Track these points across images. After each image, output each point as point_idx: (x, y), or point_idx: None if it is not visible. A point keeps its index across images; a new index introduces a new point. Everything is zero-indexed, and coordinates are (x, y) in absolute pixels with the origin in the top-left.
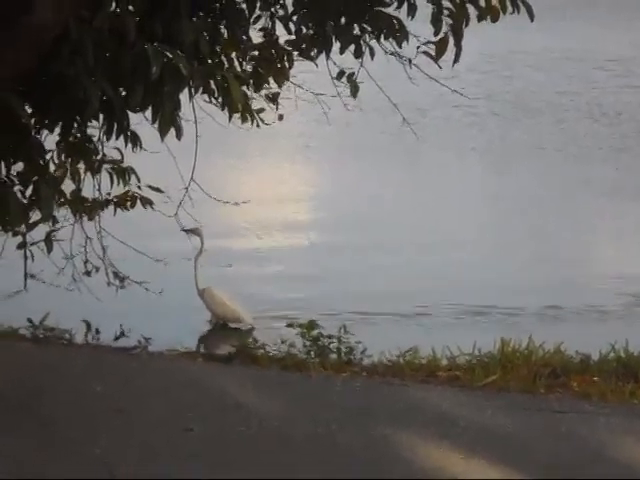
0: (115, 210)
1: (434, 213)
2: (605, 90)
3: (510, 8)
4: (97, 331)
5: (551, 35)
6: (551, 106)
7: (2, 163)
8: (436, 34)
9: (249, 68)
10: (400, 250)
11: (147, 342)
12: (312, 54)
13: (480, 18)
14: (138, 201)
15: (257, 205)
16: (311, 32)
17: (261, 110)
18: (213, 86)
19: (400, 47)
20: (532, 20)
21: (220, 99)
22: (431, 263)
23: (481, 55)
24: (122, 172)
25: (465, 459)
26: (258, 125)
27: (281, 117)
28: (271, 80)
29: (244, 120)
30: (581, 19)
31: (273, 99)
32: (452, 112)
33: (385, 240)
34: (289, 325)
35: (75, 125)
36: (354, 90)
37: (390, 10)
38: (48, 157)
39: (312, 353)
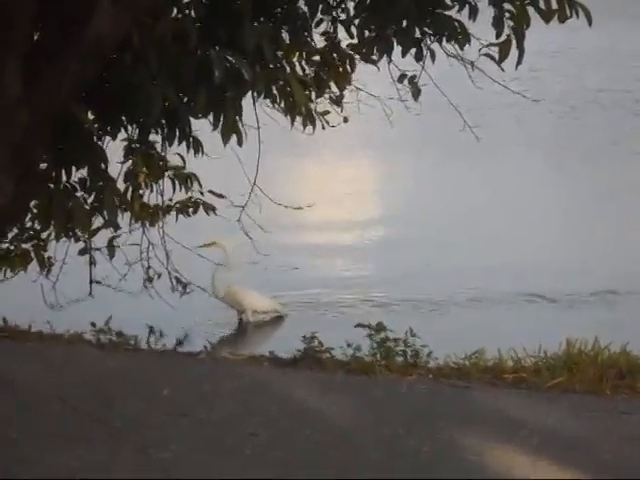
0: (177, 216)
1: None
2: None
3: (569, 12)
4: (161, 335)
5: (608, 34)
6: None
7: (64, 169)
8: (498, 36)
9: (311, 72)
10: (473, 245)
11: (212, 346)
12: (374, 57)
13: (546, 20)
14: (200, 207)
15: (322, 208)
16: (373, 35)
17: (326, 112)
18: (275, 91)
19: (462, 50)
20: (590, 24)
21: (283, 104)
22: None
23: (541, 55)
24: (184, 178)
25: (532, 461)
26: (323, 127)
27: (346, 119)
28: (333, 84)
29: (306, 124)
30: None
31: (337, 101)
32: (516, 112)
33: (450, 235)
34: (358, 325)
35: (137, 131)
36: (416, 93)
37: (451, 13)
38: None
39: (378, 356)
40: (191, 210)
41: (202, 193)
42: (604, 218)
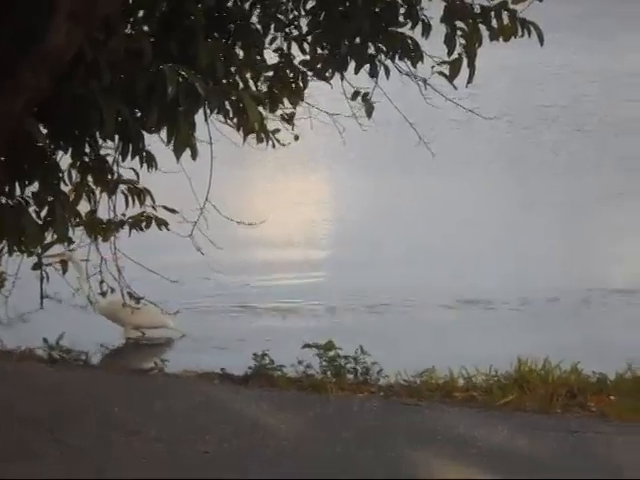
0: (130, 231)
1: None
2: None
3: (520, 31)
4: (112, 352)
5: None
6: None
7: (17, 184)
8: (450, 54)
9: (264, 88)
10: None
11: (163, 363)
12: (327, 74)
13: (492, 38)
14: (153, 222)
15: (274, 225)
16: (326, 52)
17: (277, 130)
18: (228, 106)
19: (415, 67)
20: (542, 44)
21: (235, 119)
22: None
23: (494, 71)
24: (137, 193)
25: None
26: (274, 145)
27: (297, 137)
28: (286, 101)
29: (259, 140)
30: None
31: (289, 119)
32: (468, 128)
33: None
34: (306, 346)
35: (90, 146)
36: (369, 110)
37: (405, 30)
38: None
39: (329, 374)
40: (144, 225)
41: (155, 208)
42: (543, 228)
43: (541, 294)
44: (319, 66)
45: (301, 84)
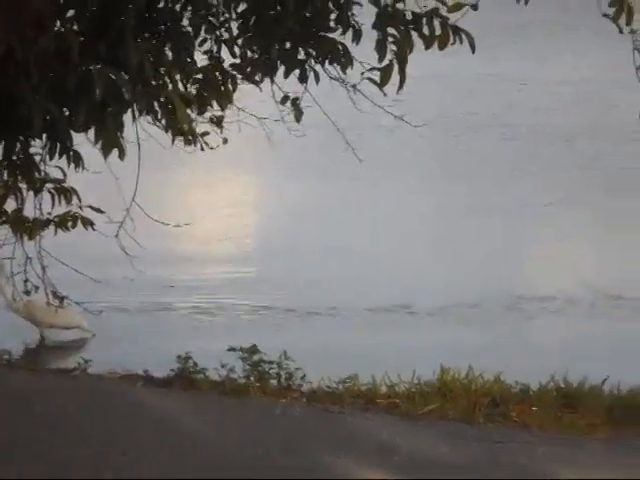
0: (56, 230)
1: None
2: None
3: (452, 39)
4: (35, 351)
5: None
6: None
7: None
8: (380, 61)
9: (193, 90)
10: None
11: (86, 364)
12: (257, 78)
13: (427, 46)
14: (79, 222)
15: (199, 227)
16: (256, 56)
17: (205, 133)
18: (157, 108)
19: (345, 73)
20: (473, 52)
21: (163, 121)
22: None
23: (423, 78)
24: (64, 192)
25: None
26: (202, 148)
27: (225, 141)
28: (215, 103)
29: (188, 142)
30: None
31: (217, 122)
32: (396, 134)
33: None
34: (230, 349)
35: (18, 144)
36: (298, 115)
37: (335, 35)
38: None
39: (252, 378)
40: (70, 224)
41: (81, 208)
42: (468, 234)
43: (464, 300)
44: (249, 69)
45: (230, 87)
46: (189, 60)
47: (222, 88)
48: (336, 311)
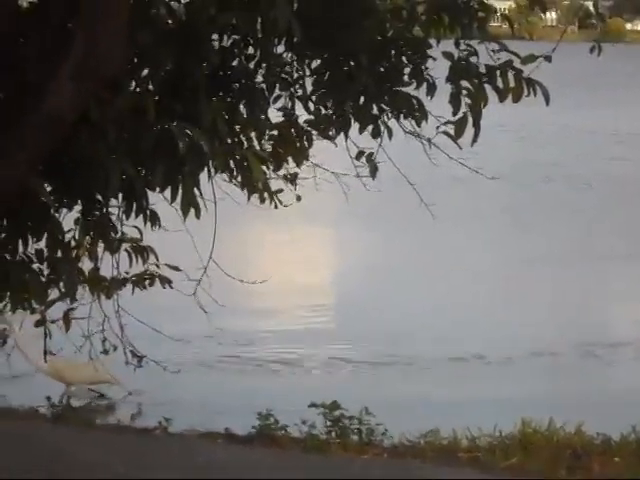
0: (133, 289)
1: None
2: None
3: (526, 91)
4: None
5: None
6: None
7: (21, 240)
8: (455, 114)
9: (268, 147)
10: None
11: (167, 422)
12: (331, 134)
13: (501, 99)
14: (156, 280)
15: (276, 282)
16: (330, 112)
17: (279, 191)
18: (232, 165)
19: (419, 127)
20: (547, 104)
21: (239, 178)
22: None
23: (498, 129)
24: (140, 251)
25: None
26: (276, 206)
27: (299, 198)
28: (290, 160)
29: (263, 200)
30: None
31: (292, 180)
32: (470, 186)
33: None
34: (312, 405)
35: (95, 204)
36: (373, 170)
37: (409, 89)
38: (68, 235)
39: (333, 434)
40: (147, 283)
41: (158, 266)
42: (540, 284)
43: (537, 349)
44: (323, 125)
45: (305, 143)
46: (263, 117)
47: (297, 145)
48: (413, 361)
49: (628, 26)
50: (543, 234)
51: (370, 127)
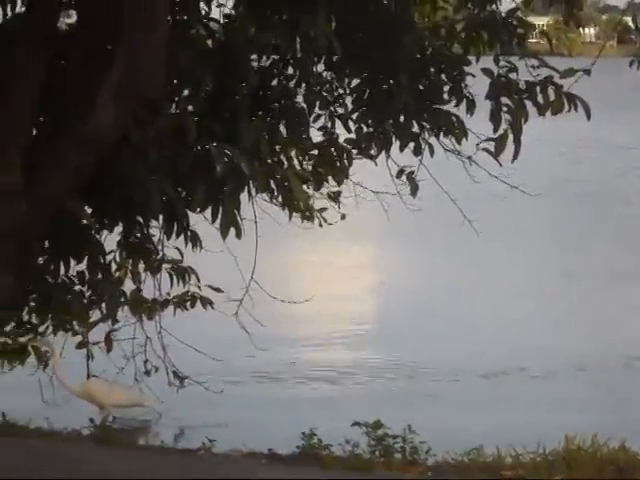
0: (175, 310)
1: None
2: None
3: (567, 106)
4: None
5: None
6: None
7: (62, 262)
8: (495, 131)
9: (309, 167)
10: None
11: (211, 443)
12: (372, 152)
13: (541, 113)
14: (198, 301)
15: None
16: (370, 130)
17: (324, 209)
18: (273, 185)
19: (459, 144)
20: (588, 119)
21: (280, 198)
22: None
23: (537, 144)
24: (182, 272)
25: None
26: (321, 224)
27: (344, 216)
28: (331, 179)
29: (305, 219)
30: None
31: (335, 198)
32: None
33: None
34: (355, 424)
35: (135, 225)
36: (414, 189)
37: (449, 107)
38: (109, 257)
39: (377, 453)
40: (189, 304)
41: (200, 287)
42: (580, 298)
43: (582, 363)
44: (364, 144)
45: (346, 162)
46: (304, 136)
47: (338, 163)
48: (456, 377)
49: None
50: (583, 250)
51: (411, 145)
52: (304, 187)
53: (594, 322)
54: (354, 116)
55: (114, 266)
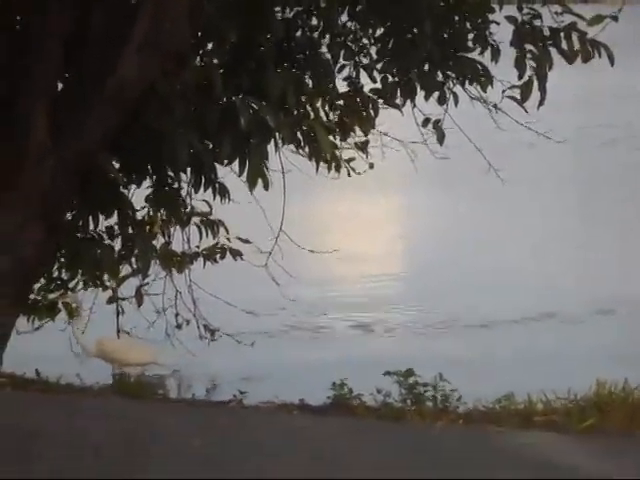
0: (205, 262)
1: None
2: None
3: (592, 53)
4: (189, 384)
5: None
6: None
7: (91, 218)
8: (520, 78)
9: (335, 117)
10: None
11: (242, 395)
12: (397, 102)
13: (568, 61)
14: (227, 253)
15: (346, 252)
16: (395, 80)
17: (352, 159)
18: (300, 136)
19: (485, 92)
20: (612, 65)
21: (307, 149)
22: None
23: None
24: (211, 224)
25: None
26: (349, 174)
27: (372, 166)
28: (357, 129)
29: (331, 169)
30: None
31: (363, 148)
32: (537, 150)
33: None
34: (386, 373)
35: (164, 179)
36: (440, 137)
37: (474, 55)
38: (140, 213)
39: (408, 402)
40: (218, 256)
41: (229, 239)
42: (608, 244)
43: (605, 307)
44: (389, 94)
45: (372, 112)
46: (330, 87)
47: (364, 113)
48: (485, 323)
49: None
50: (610, 196)
51: (436, 94)
52: (330, 138)
53: (620, 266)
54: (379, 66)
55: (144, 221)
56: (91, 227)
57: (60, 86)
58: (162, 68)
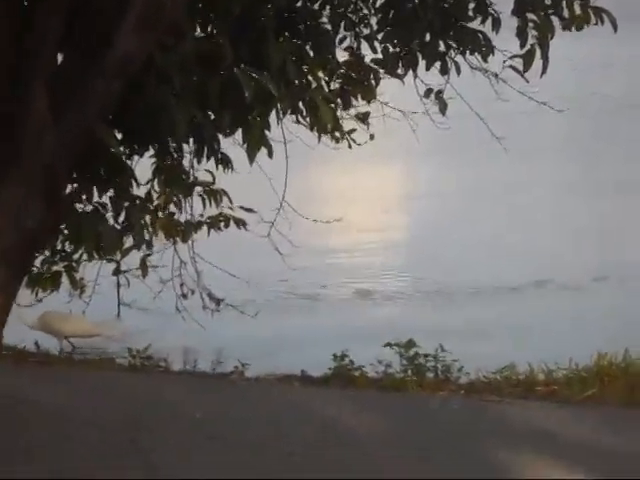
0: (209, 231)
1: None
2: None
3: (594, 19)
4: (194, 358)
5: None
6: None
7: (94, 190)
8: (522, 47)
9: (336, 86)
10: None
11: (244, 367)
12: (399, 72)
13: (565, 28)
14: (231, 222)
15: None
16: (397, 50)
17: (352, 130)
18: (301, 107)
19: (486, 62)
20: (615, 31)
21: (309, 119)
22: None
23: (563, 61)
24: (214, 194)
25: (568, 474)
26: (350, 145)
27: (372, 137)
28: (359, 99)
29: (334, 139)
30: None
31: (363, 119)
32: (537, 119)
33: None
34: (387, 345)
35: (166, 149)
36: (442, 107)
37: (474, 25)
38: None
39: (409, 372)
40: (222, 225)
41: (232, 209)
42: (608, 212)
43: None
44: (390, 64)
45: (373, 82)
46: (330, 57)
47: (365, 83)
48: (479, 291)
49: None
50: (612, 163)
51: (437, 64)
52: (332, 108)
53: (619, 234)
54: (380, 36)
55: (147, 192)
56: (94, 199)
57: (60, 61)
58: (160, 40)
